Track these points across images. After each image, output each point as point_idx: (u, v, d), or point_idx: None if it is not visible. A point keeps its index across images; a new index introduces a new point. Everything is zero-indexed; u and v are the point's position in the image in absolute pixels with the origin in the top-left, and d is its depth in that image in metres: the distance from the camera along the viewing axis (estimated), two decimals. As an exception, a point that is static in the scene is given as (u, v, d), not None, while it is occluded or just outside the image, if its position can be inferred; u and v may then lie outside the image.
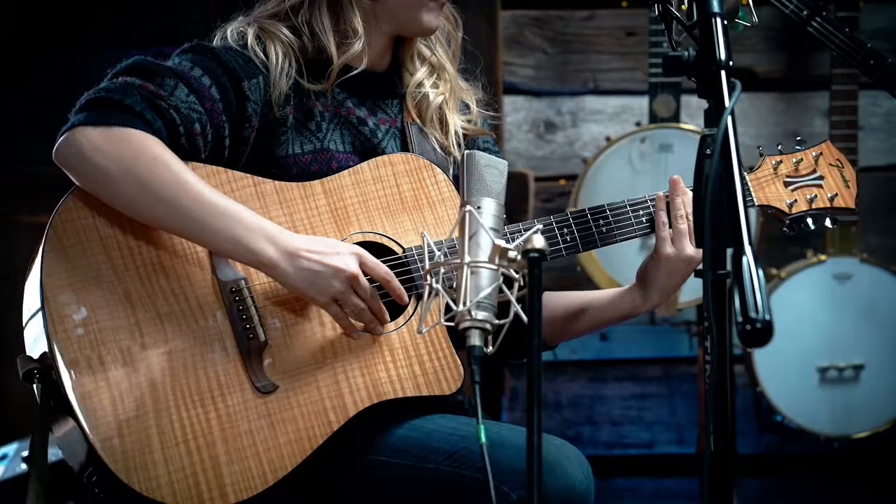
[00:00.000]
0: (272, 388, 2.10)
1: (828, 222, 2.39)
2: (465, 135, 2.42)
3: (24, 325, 2.09)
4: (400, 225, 2.23)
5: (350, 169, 2.24)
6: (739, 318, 1.61)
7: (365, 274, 2.10)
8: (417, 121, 2.37)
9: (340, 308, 2.10)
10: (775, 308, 1.56)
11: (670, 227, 2.26)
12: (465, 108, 2.44)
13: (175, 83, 2.12)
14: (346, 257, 2.08)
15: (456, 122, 2.39)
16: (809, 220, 2.37)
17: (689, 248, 2.24)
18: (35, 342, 2.06)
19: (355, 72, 2.28)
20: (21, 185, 3.94)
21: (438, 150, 2.37)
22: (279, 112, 2.22)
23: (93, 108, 2.07)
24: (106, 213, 2.09)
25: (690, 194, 2.24)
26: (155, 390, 2.05)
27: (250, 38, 2.23)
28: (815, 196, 2.36)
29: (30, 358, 2.06)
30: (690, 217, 2.24)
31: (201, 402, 2.06)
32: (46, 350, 2.03)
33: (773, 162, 2.37)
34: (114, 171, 2.05)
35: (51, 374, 2.02)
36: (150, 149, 2.05)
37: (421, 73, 2.37)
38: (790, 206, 2.35)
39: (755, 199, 2.34)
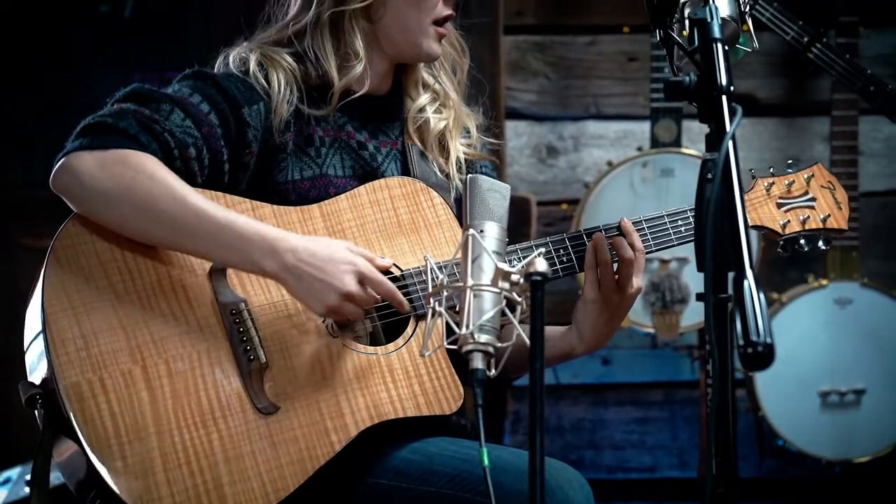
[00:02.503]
0: (273, 410, 2.10)
1: (821, 243, 2.39)
2: (465, 160, 2.43)
3: (25, 349, 2.10)
4: (397, 247, 2.24)
5: (347, 192, 2.25)
6: (741, 342, 1.61)
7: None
8: (419, 143, 2.38)
9: (338, 316, 2.12)
10: (776, 332, 1.56)
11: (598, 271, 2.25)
12: (466, 132, 2.45)
13: (171, 108, 2.14)
14: (344, 275, 2.08)
15: (458, 147, 2.40)
16: (803, 241, 2.38)
17: (611, 293, 2.24)
18: (37, 366, 2.07)
19: (356, 95, 2.29)
20: (23, 207, 3.95)
21: (439, 174, 2.38)
22: (279, 138, 2.24)
23: (87, 133, 2.09)
24: (106, 236, 2.10)
25: (625, 243, 2.24)
26: (157, 412, 2.05)
27: (252, 65, 2.25)
28: (808, 217, 2.37)
29: (31, 384, 2.07)
30: (614, 262, 2.23)
31: (203, 423, 2.07)
32: (48, 374, 2.03)
33: (766, 184, 2.38)
34: (112, 192, 2.06)
35: (53, 399, 2.03)
36: (146, 167, 2.07)
37: (423, 98, 2.38)
38: (783, 226, 2.36)
39: (749, 220, 2.34)
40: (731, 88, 1.80)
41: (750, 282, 1.64)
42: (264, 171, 2.23)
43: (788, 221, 2.36)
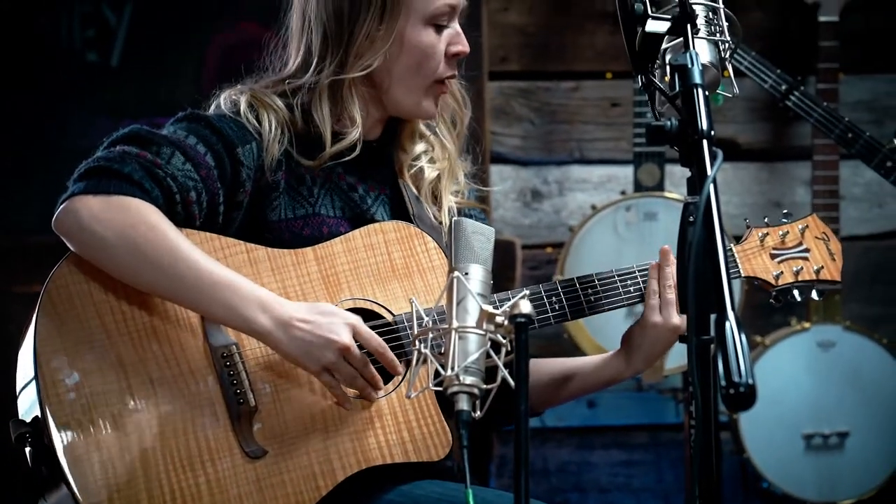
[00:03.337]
0: (261, 453, 2.11)
1: (814, 294, 2.40)
2: (456, 207, 2.44)
3: (17, 390, 2.11)
4: (390, 292, 2.25)
5: (342, 236, 2.26)
6: (723, 383, 1.62)
7: (358, 343, 2.12)
8: (413, 188, 2.39)
9: (332, 377, 2.12)
10: (760, 375, 1.58)
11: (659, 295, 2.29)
12: (455, 180, 2.46)
13: (171, 152, 2.15)
14: (339, 327, 2.09)
15: (450, 199, 2.41)
16: (796, 292, 2.39)
17: (676, 318, 2.27)
18: (28, 406, 2.08)
19: (347, 158, 2.29)
20: (14, 253, 3.95)
21: (433, 219, 2.39)
22: (271, 177, 2.25)
23: (92, 176, 2.10)
24: (100, 278, 2.11)
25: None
26: (145, 455, 2.06)
27: (243, 106, 2.26)
28: (801, 268, 2.38)
29: (22, 422, 2.08)
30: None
31: (191, 466, 2.07)
32: (38, 414, 2.04)
33: (760, 234, 2.39)
34: (111, 238, 2.07)
35: (42, 438, 2.03)
36: (147, 217, 2.08)
37: (418, 148, 2.39)
38: (776, 277, 2.37)
39: (742, 271, 2.36)
40: (712, 133, 1.82)
41: (731, 323, 1.65)
42: (257, 210, 2.24)
43: (782, 273, 2.37)
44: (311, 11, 2.28)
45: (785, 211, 2.47)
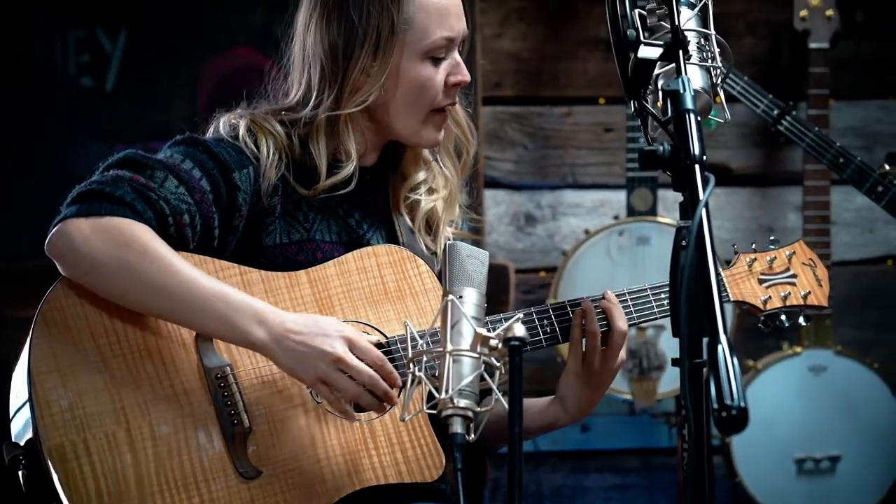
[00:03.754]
0: (255, 474, 2.12)
1: (801, 319, 2.42)
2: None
3: (11, 413, 2.11)
4: (383, 315, 2.26)
5: (335, 259, 2.27)
6: (715, 406, 1.63)
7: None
8: (407, 220, 2.40)
9: (329, 389, 2.12)
10: (752, 399, 1.58)
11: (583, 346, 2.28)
12: (452, 211, 2.47)
13: (165, 175, 2.16)
14: (333, 339, 2.09)
15: (447, 230, 2.42)
16: (784, 317, 2.41)
17: (596, 364, 2.27)
18: (21, 427, 2.08)
19: (343, 191, 2.29)
20: (9, 277, 3.96)
21: (425, 249, 2.39)
22: (268, 202, 2.26)
23: (84, 200, 2.11)
24: (94, 300, 2.12)
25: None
26: (139, 475, 2.06)
27: (242, 130, 2.27)
28: (789, 293, 2.40)
29: (15, 444, 2.08)
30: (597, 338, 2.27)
31: (185, 487, 2.08)
32: (32, 436, 2.04)
33: (748, 259, 2.41)
34: (103, 259, 2.08)
35: (36, 460, 2.04)
36: (139, 236, 2.09)
37: (420, 176, 2.39)
38: (764, 302, 2.39)
39: (730, 295, 2.38)
40: (704, 158, 1.83)
41: (723, 346, 1.66)
42: (252, 235, 2.25)
43: (769, 297, 2.39)
44: (309, 47, 2.29)
45: (772, 237, 2.49)
